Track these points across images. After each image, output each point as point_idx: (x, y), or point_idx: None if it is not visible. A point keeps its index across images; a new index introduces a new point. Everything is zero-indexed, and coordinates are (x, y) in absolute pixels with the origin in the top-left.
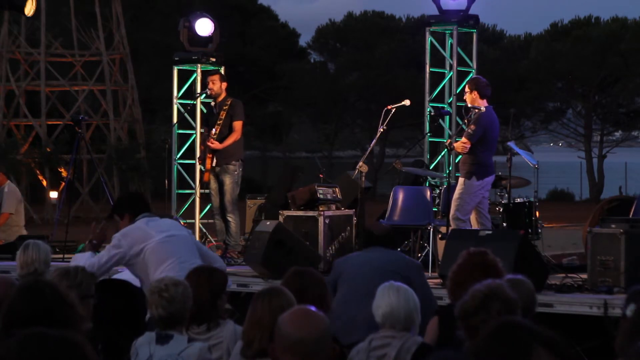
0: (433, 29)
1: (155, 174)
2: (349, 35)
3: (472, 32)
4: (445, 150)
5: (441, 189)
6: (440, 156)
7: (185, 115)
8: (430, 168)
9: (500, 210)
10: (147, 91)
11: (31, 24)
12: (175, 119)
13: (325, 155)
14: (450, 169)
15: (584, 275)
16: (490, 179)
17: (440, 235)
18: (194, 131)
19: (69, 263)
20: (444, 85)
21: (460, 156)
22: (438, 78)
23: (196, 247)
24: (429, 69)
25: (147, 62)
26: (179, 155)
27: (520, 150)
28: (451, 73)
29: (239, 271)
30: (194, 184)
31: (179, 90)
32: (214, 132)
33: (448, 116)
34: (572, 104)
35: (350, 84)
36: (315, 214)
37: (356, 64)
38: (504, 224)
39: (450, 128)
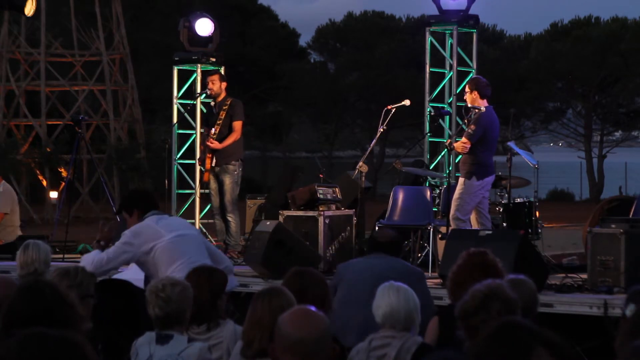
0: (433, 29)
1: (155, 174)
2: (349, 35)
3: (472, 32)
4: (445, 150)
5: (441, 189)
6: (440, 156)
7: (185, 115)
8: (430, 168)
9: (500, 210)
10: (147, 91)
11: (31, 24)
12: (175, 119)
13: (325, 155)
14: (450, 169)
15: (584, 275)
16: (491, 179)
17: (440, 235)
18: (194, 131)
19: (77, 263)
20: (444, 85)
21: (460, 156)
22: (438, 78)
23: (205, 247)
24: (429, 69)
25: (147, 62)
26: (179, 155)
27: (520, 150)
28: (451, 73)
29: (239, 271)
30: (194, 184)
31: (179, 90)
32: (214, 132)
33: (448, 116)
34: (572, 104)
35: (350, 84)
36: (315, 214)
37: (356, 64)
38: (504, 224)
39: (450, 128)
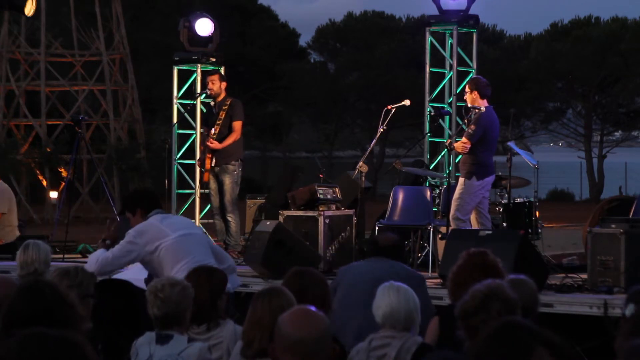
0: (433, 29)
1: (155, 174)
2: (349, 35)
3: (472, 32)
4: (445, 150)
5: (441, 189)
6: (440, 156)
7: (185, 115)
8: (430, 168)
9: (500, 210)
10: (147, 91)
11: (31, 24)
12: (175, 119)
13: (325, 155)
14: (450, 169)
15: (584, 275)
16: (491, 179)
17: (440, 235)
18: (194, 131)
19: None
20: (444, 85)
21: (460, 156)
22: (438, 78)
23: (209, 246)
24: (429, 69)
25: (147, 62)
26: (179, 155)
27: (520, 150)
28: (451, 73)
29: (239, 271)
30: (194, 184)
31: (179, 90)
32: (214, 132)
33: (448, 116)
34: (572, 104)
35: (350, 84)
36: (315, 214)
37: (356, 64)
38: (504, 224)
39: (450, 128)
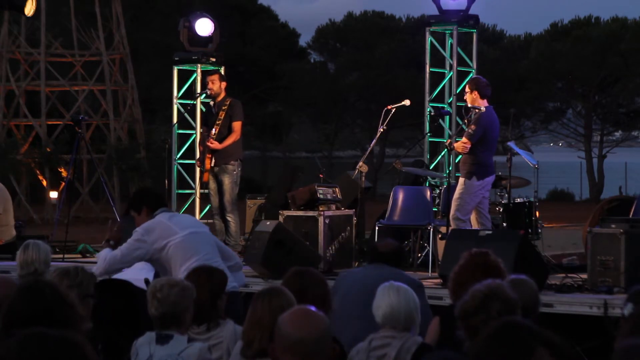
0: (433, 29)
1: (155, 174)
2: (349, 35)
3: (472, 32)
4: (445, 150)
5: (441, 189)
6: (440, 156)
7: (185, 115)
8: (430, 168)
9: (500, 210)
10: (147, 91)
11: (31, 24)
12: (175, 119)
13: (325, 155)
14: (450, 169)
15: (584, 275)
16: (491, 179)
17: (440, 235)
18: (194, 131)
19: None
20: (444, 85)
21: (460, 156)
22: (438, 78)
23: (216, 244)
24: (429, 69)
25: (147, 62)
26: (179, 155)
27: (520, 150)
28: (451, 73)
29: None
30: (194, 184)
31: (179, 90)
32: (214, 133)
33: (448, 116)
34: (572, 104)
35: (350, 84)
36: (315, 214)
37: (356, 64)
38: (504, 224)
39: (450, 128)
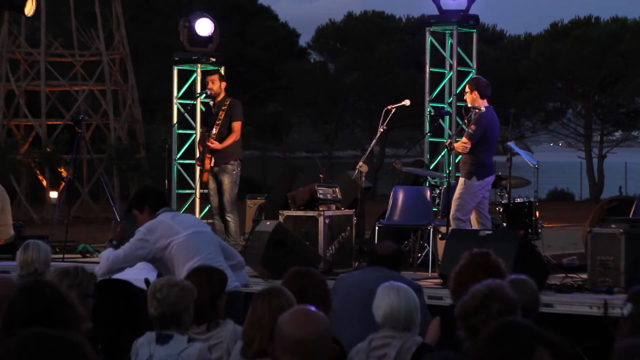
0: (433, 29)
1: (155, 174)
2: (349, 35)
3: (472, 32)
4: (445, 150)
5: (441, 189)
6: (440, 156)
7: (185, 115)
8: (430, 168)
9: (500, 210)
10: (147, 91)
11: (31, 24)
12: (175, 119)
13: (325, 155)
14: (450, 169)
15: (584, 275)
16: (491, 179)
17: (440, 235)
18: (194, 131)
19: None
20: (444, 85)
21: (460, 156)
22: (438, 78)
23: (218, 244)
24: (429, 69)
25: (147, 62)
26: (179, 155)
27: (520, 150)
28: (451, 73)
29: None
30: (194, 184)
31: (179, 90)
32: (214, 133)
33: (448, 116)
34: (572, 104)
35: (350, 84)
36: (315, 214)
37: (356, 64)
38: (504, 224)
39: (450, 128)
